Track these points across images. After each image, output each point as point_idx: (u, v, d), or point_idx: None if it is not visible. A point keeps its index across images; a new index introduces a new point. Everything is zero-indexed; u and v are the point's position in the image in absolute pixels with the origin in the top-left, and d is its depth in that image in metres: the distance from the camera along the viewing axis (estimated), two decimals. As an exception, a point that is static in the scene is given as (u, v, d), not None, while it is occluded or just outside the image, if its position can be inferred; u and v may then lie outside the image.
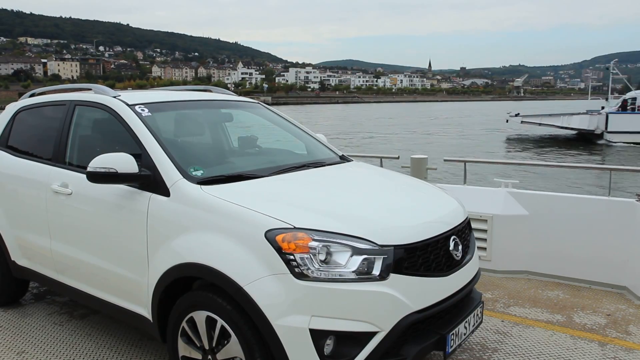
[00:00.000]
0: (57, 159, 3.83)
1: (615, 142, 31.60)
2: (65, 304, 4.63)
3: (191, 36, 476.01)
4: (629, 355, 3.67)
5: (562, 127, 35.64)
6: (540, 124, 37.16)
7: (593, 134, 33.25)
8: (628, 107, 33.47)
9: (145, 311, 3.15)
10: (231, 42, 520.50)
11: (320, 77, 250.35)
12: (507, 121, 38.37)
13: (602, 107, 35.86)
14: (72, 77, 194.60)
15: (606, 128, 32.11)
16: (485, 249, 5.28)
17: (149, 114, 3.45)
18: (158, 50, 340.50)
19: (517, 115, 37.80)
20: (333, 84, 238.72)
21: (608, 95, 38.73)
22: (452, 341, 2.85)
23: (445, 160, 6.37)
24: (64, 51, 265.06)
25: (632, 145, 30.63)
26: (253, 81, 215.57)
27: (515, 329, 4.10)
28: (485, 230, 5.28)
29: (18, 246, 4.15)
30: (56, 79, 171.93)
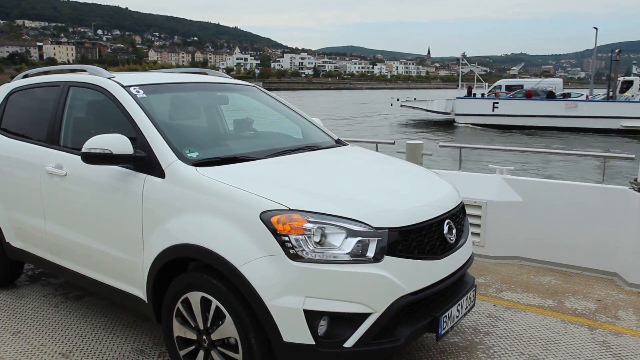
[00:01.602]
0: (51, 140, 3.82)
1: (460, 124, 35.66)
2: (60, 286, 4.65)
3: (191, 20, 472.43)
4: (617, 339, 3.72)
5: (427, 110, 39.85)
6: (413, 107, 41.51)
7: (449, 117, 37.84)
8: (472, 93, 38.13)
9: (141, 292, 3.17)
10: (231, 27, 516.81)
11: (315, 63, 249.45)
12: (391, 105, 42.74)
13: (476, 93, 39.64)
14: (68, 60, 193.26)
15: (455, 111, 36.42)
16: (479, 234, 5.31)
17: (144, 95, 3.44)
18: (157, 34, 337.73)
19: (398, 99, 42.57)
20: (328, 70, 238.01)
21: (459, 83, 43.70)
22: (444, 323, 2.89)
23: (440, 146, 6.39)
24: (62, 34, 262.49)
25: (473, 126, 34.82)
26: (248, 66, 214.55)
27: (507, 313, 4.15)
28: (479, 216, 5.30)
29: (12, 228, 4.15)
30: (52, 62, 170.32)
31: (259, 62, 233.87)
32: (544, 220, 5.15)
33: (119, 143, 3.03)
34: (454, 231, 3.05)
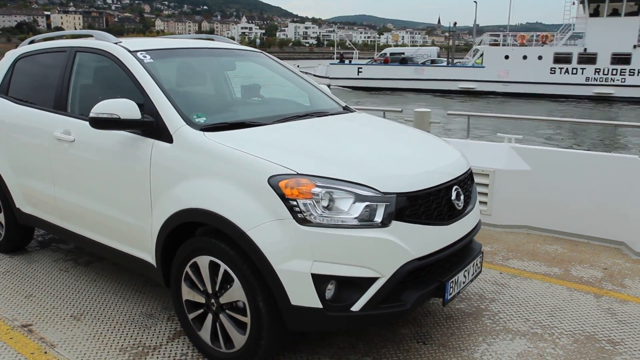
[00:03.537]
0: (58, 106, 3.81)
1: (333, 86, 38.75)
2: (70, 252, 4.71)
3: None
4: (622, 307, 3.74)
5: (314, 75, 43.36)
6: (306, 73, 43.78)
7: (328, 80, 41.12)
8: (345, 60, 44.47)
9: (150, 257, 3.20)
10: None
11: (320, 32, 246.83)
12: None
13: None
14: (75, 29, 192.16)
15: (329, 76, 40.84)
16: (486, 203, 5.31)
17: (151, 60, 3.41)
18: (166, 3, 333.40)
19: (298, 66, 45.04)
20: (332, 40, 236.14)
21: (334, 51, 50.77)
22: (451, 289, 2.90)
23: (448, 114, 6.34)
24: (70, 3, 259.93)
25: (343, 88, 39.61)
26: (252, 36, 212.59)
27: (513, 280, 4.17)
28: (486, 185, 5.29)
29: (22, 194, 4.18)
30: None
31: (263, 31, 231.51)
32: (551, 189, 5.13)
33: (126, 108, 3.02)
34: (462, 197, 3.04)
